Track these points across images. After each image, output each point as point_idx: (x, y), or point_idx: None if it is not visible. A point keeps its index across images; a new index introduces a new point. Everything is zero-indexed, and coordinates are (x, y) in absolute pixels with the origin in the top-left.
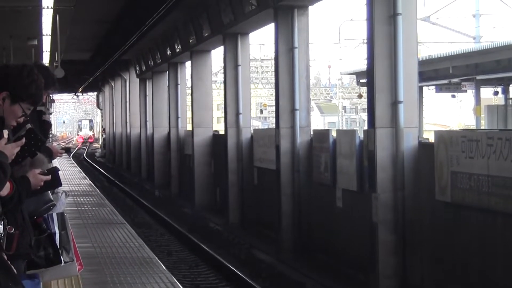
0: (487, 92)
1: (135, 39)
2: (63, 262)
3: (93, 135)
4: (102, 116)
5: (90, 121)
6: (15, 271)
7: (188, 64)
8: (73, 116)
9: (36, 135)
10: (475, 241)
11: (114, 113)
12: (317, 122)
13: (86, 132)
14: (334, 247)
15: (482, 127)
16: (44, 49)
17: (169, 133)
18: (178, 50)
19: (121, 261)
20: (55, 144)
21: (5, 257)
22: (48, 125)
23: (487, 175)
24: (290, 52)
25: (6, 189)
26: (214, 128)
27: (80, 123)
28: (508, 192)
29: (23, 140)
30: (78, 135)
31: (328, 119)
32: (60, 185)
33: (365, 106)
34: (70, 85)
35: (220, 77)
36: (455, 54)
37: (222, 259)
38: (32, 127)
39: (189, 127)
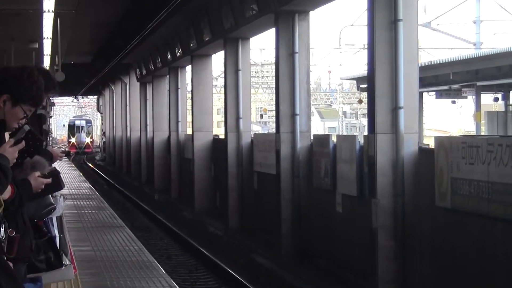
0: (487, 98)
1: (136, 43)
2: (64, 265)
3: (92, 142)
4: (102, 120)
5: (88, 122)
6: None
7: (188, 68)
8: None
9: (35, 136)
10: (475, 247)
11: (114, 116)
12: (317, 127)
13: (81, 138)
14: (334, 252)
15: (482, 133)
16: (44, 52)
17: (169, 137)
18: (178, 54)
19: (120, 265)
20: (55, 147)
21: (7, 261)
22: (44, 119)
23: (487, 182)
24: (290, 57)
25: (8, 192)
26: (214, 133)
27: (72, 124)
28: (508, 199)
29: (23, 143)
30: (69, 141)
31: (328, 124)
32: (62, 187)
33: (365, 111)
34: (70, 88)
35: (221, 81)
36: (456, 60)
37: (222, 263)
38: (31, 128)
39: (189, 131)
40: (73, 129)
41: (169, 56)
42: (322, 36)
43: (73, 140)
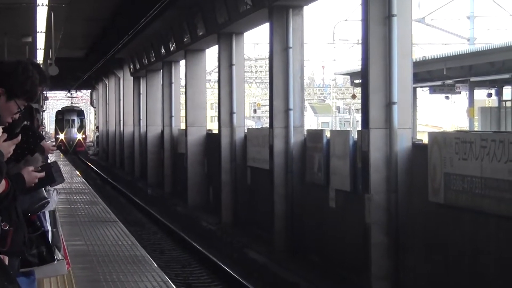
0: (480, 94)
1: (129, 38)
2: (56, 260)
3: (84, 138)
4: (95, 114)
5: (80, 114)
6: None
7: (182, 63)
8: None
9: (34, 132)
10: (468, 242)
11: (108, 111)
12: (311, 122)
13: (71, 134)
14: (327, 247)
15: (476, 129)
16: (38, 47)
17: (162, 131)
18: (172, 49)
19: (113, 259)
20: (48, 141)
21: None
22: (35, 111)
23: (480, 177)
24: (284, 52)
25: (2, 186)
26: (208, 127)
27: (61, 116)
28: (501, 194)
29: (19, 137)
30: (56, 138)
31: (321, 119)
32: (55, 181)
33: (359, 106)
34: (64, 83)
35: (214, 76)
36: (449, 56)
37: (215, 258)
38: (27, 124)
39: (182, 126)
40: (61, 122)
41: (162, 51)
42: (316, 31)
43: (61, 136)
